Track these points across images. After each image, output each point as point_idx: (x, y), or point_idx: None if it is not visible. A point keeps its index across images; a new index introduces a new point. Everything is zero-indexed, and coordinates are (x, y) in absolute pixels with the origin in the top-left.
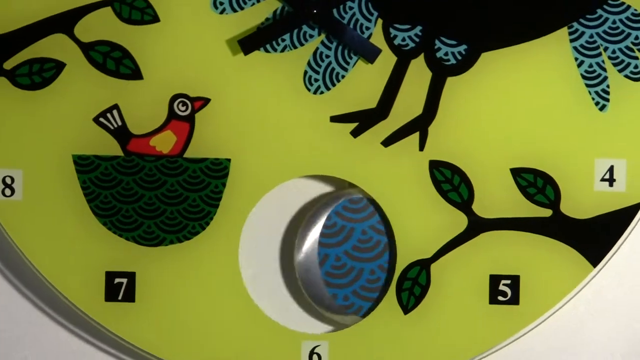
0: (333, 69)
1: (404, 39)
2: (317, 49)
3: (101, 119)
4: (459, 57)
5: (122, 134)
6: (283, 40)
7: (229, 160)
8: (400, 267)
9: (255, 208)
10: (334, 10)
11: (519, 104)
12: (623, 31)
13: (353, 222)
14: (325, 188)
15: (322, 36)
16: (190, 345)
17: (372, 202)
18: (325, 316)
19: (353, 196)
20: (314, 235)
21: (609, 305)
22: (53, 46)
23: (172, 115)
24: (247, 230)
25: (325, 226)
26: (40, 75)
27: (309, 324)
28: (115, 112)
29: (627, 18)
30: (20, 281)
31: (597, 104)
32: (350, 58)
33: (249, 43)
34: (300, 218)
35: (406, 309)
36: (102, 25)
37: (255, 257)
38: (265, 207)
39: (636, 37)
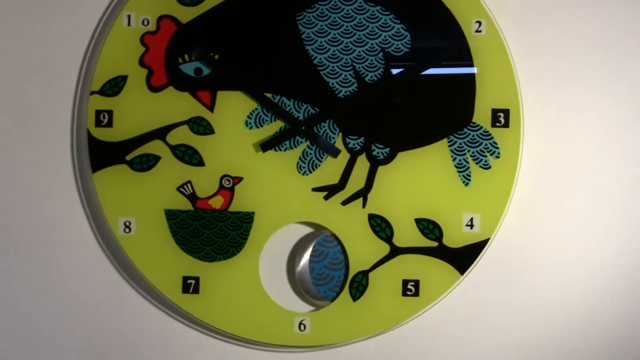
0: (313, 161)
1: (354, 144)
2: (305, 149)
3: (180, 189)
4: (385, 155)
5: (192, 197)
6: (285, 144)
7: (253, 212)
8: (351, 274)
9: (268, 240)
10: (314, 128)
11: (420, 181)
12: (478, 141)
13: (328, 248)
14: (307, 229)
15: (307, 142)
16: (230, 317)
17: (337, 238)
18: (312, 301)
19: (327, 234)
20: (306, 256)
21: (470, 299)
22: (153, 147)
23: (221, 186)
24: (264, 252)
25: (314, 251)
26: (147, 163)
27: (298, 306)
28: (189, 184)
29: (481, 134)
30: (136, 284)
31: (464, 182)
32: (323, 155)
33: (266, 145)
34: (296, 245)
35: (355, 299)
36: (181, 135)
37: (268, 268)
38: (275, 240)
39: (486, 145)
